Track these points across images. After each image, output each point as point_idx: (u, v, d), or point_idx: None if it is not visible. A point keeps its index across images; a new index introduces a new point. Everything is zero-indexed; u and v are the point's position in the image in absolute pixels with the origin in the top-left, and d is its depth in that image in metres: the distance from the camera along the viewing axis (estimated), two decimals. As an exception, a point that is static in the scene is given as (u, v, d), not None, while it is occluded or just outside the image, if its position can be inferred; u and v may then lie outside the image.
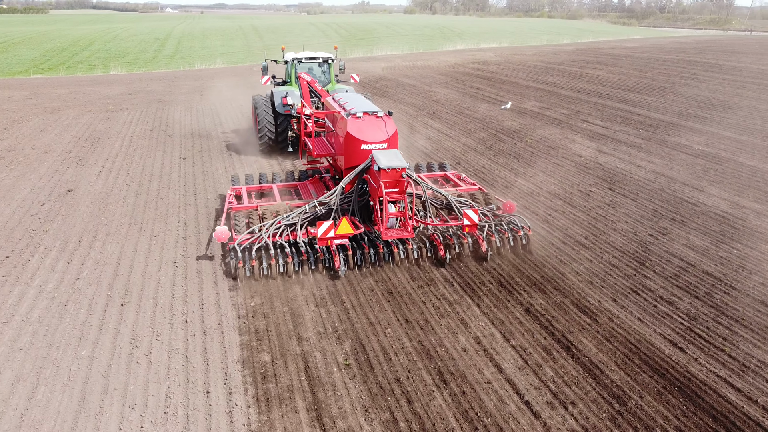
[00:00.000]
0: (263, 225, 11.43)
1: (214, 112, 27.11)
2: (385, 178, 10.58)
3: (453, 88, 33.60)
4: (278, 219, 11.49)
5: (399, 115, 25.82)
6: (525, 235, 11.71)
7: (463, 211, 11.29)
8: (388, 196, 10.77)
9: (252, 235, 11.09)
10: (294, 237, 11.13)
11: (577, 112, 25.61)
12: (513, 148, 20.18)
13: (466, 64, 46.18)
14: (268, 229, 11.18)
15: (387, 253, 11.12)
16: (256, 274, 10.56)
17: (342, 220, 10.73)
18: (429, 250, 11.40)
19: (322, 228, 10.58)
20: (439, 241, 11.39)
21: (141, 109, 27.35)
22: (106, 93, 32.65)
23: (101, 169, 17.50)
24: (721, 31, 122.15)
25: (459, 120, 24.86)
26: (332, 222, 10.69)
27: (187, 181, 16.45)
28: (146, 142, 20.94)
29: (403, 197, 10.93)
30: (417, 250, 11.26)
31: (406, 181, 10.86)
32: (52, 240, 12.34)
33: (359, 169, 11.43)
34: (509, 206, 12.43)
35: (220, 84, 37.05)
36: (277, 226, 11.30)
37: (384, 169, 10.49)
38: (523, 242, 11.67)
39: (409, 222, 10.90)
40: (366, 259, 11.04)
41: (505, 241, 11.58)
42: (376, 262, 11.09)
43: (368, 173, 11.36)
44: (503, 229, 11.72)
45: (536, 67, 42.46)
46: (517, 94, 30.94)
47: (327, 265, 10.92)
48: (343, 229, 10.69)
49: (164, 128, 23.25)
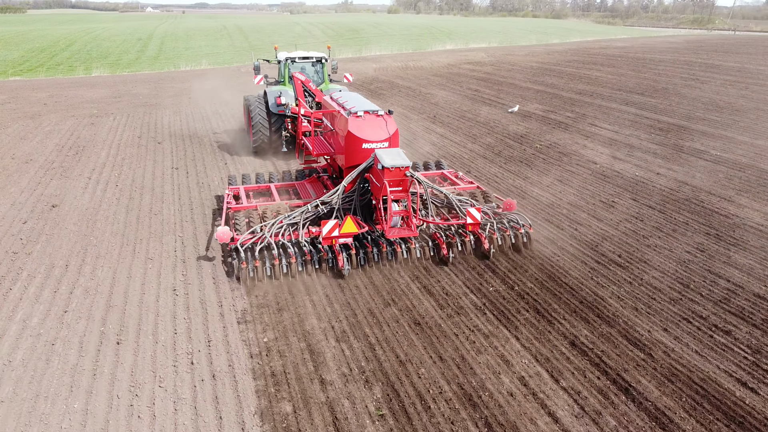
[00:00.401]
0: (265, 225, 11.33)
1: (204, 115, 25.89)
2: (389, 177, 10.51)
3: (450, 90, 32.66)
4: (280, 218, 11.37)
5: (398, 119, 24.80)
6: (526, 233, 11.80)
7: (466, 209, 11.28)
8: (392, 194, 10.69)
9: (254, 235, 10.96)
10: (296, 236, 11.08)
11: (582, 115, 24.78)
12: (523, 154, 19.26)
13: (460, 64, 45.29)
14: (270, 229, 11.06)
15: (390, 251, 11.12)
16: (260, 274, 10.42)
17: (347, 218, 10.69)
18: (432, 248, 11.45)
19: (326, 227, 10.54)
20: (442, 239, 11.38)
21: (127, 114, 26.04)
22: (89, 96, 31.23)
23: (87, 180, 16.26)
24: (705, 30, 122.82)
25: (462, 124, 23.91)
26: (336, 221, 10.66)
27: (181, 194, 15.29)
28: (135, 150, 19.70)
29: (407, 196, 10.85)
30: (420, 249, 11.30)
31: (410, 180, 10.76)
32: (35, 264, 11.15)
33: (361, 168, 11.33)
34: (509, 205, 12.38)
35: (208, 86, 35.75)
36: (279, 226, 11.20)
37: (388, 167, 10.41)
38: (524, 240, 11.75)
39: (413, 221, 10.82)
40: (369, 258, 11.01)
41: (506, 238, 11.68)
42: (379, 261, 11.05)
43: (370, 172, 11.27)
44: (504, 227, 11.82)
45: (532, 67, 41.69)
46: (518, 96, 30.07)
47: (330, 265, 10.85)
48: (347, 228, 10.66)
49: (153, 134, 22.01)
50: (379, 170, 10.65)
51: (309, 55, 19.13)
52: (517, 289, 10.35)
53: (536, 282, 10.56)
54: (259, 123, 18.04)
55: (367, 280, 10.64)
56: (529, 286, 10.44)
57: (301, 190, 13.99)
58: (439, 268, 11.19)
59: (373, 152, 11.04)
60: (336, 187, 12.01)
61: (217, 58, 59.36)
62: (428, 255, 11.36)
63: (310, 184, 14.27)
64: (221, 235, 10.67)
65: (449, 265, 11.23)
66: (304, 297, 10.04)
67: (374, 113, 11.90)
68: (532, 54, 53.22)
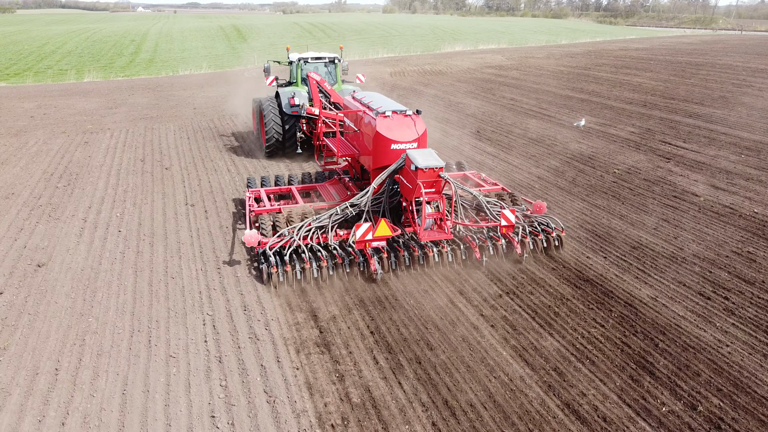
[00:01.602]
0: (293, 228, 10.98)
1: (214, 130, 22.69)
2: (423, 178, 10.30)
3: (483, 99, 29.56)
4: (308, 221, 11.08)
5: (437, 134, 21.72)
6: (558, 237, 11.55)
7: (501, 212, 10.88)
8: (426, 196, 10.41)
9: (281, 239, 10.72)
10: (324, 240, 10.82)
11: (647, 131, 21.74)
12: (602, 182, 16.20)
13: (481, 69, 42.20)
14: (298, 232, 10.77)
15: (421, 255, 10.79)
16: (290, 279, 10.14)
17: (381, 222, 10.30)
18: (463, 252, 11.09)
19: (360, 230, 10.14)
20: (474, 243, 11.07)
21: (126, 129, 22.80)
22: (82, 107, 27.93)
23: (83, 224, 13.06)
24: (710, 30, 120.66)
25: (513, 141, 20.82)
26: (370, 224, 10.25)
27: (202, 244, 12.12)
28: (138, 178, 16.50)
29: (440, 197, 10.65)
30: (451, 253, 10.91)
31: (443, 181, 10.54)
32: (12, 370, 7.96)
33: (391, 169, 11.10)
34: (539, 207, 12.07)
35: (213, 93, 32.53)
36: (307, 229, 10.89)
37: (422, 168, 10.21)
38: (556, 244, 11.52)
39: (447, 223, 10.61)
40: (400, 261, 10.73)
41: (538, 242, 11.43)
42: (410, 265, 10.74)
43: (400, 173, 11.02)
44: (536, 231, 11.58)
45: (561, 72, 38.65)
46: (561, 105, 27.03)
47: (362, 269, 10.55)
48: (381, 231, 10.28)
49: (158, 156, 18.80)
50: (412, 171, 10.35)
51: (321, 55, 18.70)
52: (626, 350, 7.25)
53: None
54: (272, 124, 17.55)
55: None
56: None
57: (323, 192, 13.61)
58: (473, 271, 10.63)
59: (404, 153, 10.85)
60: (364, 189, 11.82)
61: (216, 61, 56.09)
62: (460, 259, 10.97)
63: (332, 185, 13.91)
64: (249, 239, 10.42)
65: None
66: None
67: (402, 113, 11.69)
68: (551, 56, 50.22)
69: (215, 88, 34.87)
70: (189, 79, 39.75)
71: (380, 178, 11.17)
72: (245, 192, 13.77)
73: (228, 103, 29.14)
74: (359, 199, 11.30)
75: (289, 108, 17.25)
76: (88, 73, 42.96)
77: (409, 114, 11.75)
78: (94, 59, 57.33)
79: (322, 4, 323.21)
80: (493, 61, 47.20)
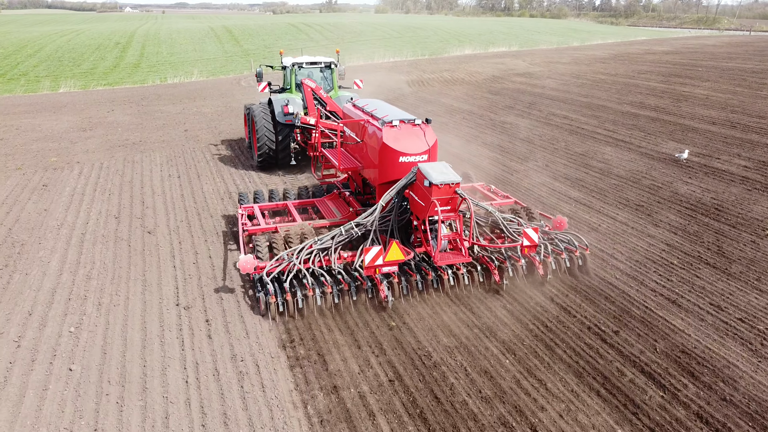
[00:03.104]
0: (292, 250, 9.82)
1: (212, 163, 17.92)
2: (438, 195, 9.21)
3: (530, 117, 24.91)
4: (309, 242, 9.95)
5: (494, 168, 17.11)
6: (582, 255, 10.52)
7: (523, 230, 9.77)
8: (441, 215, 9.33)
9: (280, 262, 9.57)
10: (328, 263, 9.72)
11: (762, 164, 17.16)
12: (761, 253, 11.57)
13: (508, 77, 37.55)
14: (298, 255, 9.66)
15: (435, 279, 9.77)
16: (291, 309, 9.06)
17: (392, 244, 9.14)
18: (480, 274, 10.04)
19: (369, 254, 8.99)
20: (492, 264, 10.05)
21: (99, 163, 17.97)
22: (50, 129, 23.03)
23: (14, 351, 8.23)
24: (715, 31, 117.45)
25: (600, 182, 16.18)
26: (381, 247, 9.08)
27: (212, 405, 7.33)
28: (108, 249, 11.70)
29: (457, 216, 9.67)
30: (467, 276, 9.91)
31: (459, 198, 9.43)
32: None
33: (401, 184, 9.97)
34: (560, 223, 11.13)
35: (207, 108, 27.70)
36: (308, 251, 9.77)
37: (436, 184, 9.10)
38: (579, 263, 10.47)
39: (464, 244, 9.53)
40: (412, 286, 9.70)
41: (561, 262, 10.43)
42: (423, 290, 9.73)
43: (411, 189, 9.89)
44: (558, 249, 10.54)
45: (603, 81, 34.04)
46: (630, 126, 22.43)
47: (370, 296, 9.43)
48: (393, 256, 9.13)
49: (139, 209, 14.01)
50: (426, 187, 9.31)
51: (317, 60, 17.60)
52: None
53: None
54: (264, 134, 16.37)
55: None
56: None
57: (323, 208, 12.68)
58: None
59: (415, 167, 9.74)
60: (366, 203, 11.64)
61: (208, 66, 51.20)
62: (477, 282, 10.00)
63: (332, 201, 13.01)
64: (244, 265, 9.27)
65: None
66: None
67: (410, 122, 10.77)
68: (578, 62, 45.65)
69: (209, 101, 30.04)
70: (178, 90, 34.85)
71: (388, 195, 10.12)
72: (237, 209, 12.69)
73: (225, 122, 24.34)
74: (365, 219, 10.22)
75: (283, 116, 16.08)
76: (66, 82, 37.95)
77: (418, 123, 10.79)
78: (75, 64, 52.29)
79: (311, 4, 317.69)
80: (517, 66, 42.57)
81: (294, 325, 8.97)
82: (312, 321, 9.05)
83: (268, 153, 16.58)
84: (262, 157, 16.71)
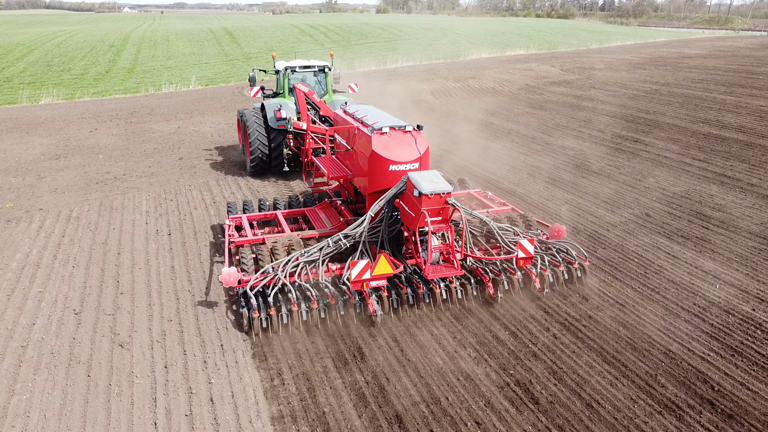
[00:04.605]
0: (278, 263, 9.35)
1: (213, 214, 13.87)
2: (428, 206, 8.81)
3: (593, 140, 20.86)
4: (295, 255, 9.45)
5: (580, 220, 13.14)
6: (581, 266, 10.00)
7: (518, 241, 9.35)
8: (432, 225, 8.93)
9: (265, 275, 9.10)
10: (315, 276, 9.25)
11: None
12: None
13: (545, 86, 33.50)
14: (284, 268, 9.17)
15: (426, 292, 9.27)
16: (275, 325, 8.57)
17: (379, 257, 8.75)
18: (474, 287, 9.54)
19: (356, 269, 8.54)
20: (486, 276, 9.66)
21: (68, 211, 13.94)
22: (16, 157, 19.02)
23: None
24: (731, 31, 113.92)
25: (728, 241, 12.12)
26: (368, 261, 8.68)
27: None
28: (56, 384, 7.68)
29: (448, 227, 9.24)
30: (461, 289, 9.44)
31: (451, 209, 9.02)
32: None
33: (391, 194, 9.55)
34: (558, 231, 10.75)
35: (207, 126, 23.71)
36: (294, 264, 9.28)
37: (426, 194, 8.72)
38: (578, 275, 9.95)
39: (456, 257, 9.05)
40: (403, 300, 9.26)
41: (558, 274, 9.88)
42: (414, 304, 9.26)
43: (401, 199, 9.45)
44: (555, 261, 10.05)
45: (655, 92, 29.96)
46: (719, 153, 18.41)
47: (358, 311, 8.96)
48: (381, 269, 8.73)
49: (109, 299, 9.96)
50: (415, 197, 8.90)
51: (310, 63, 17.34)
52: None
53: None
54: (257, 139, 16.01)
55: None
56: None
57: (313, 218, 12.06)
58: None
59: (405, 176, 9.32)
60: (358, 213, 11.30)
61: (206, 71, 47.23)
62: (471, 295, 9.44)
63: (323, 210, 12.39)
64: (227, 278, 8.87)
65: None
66: None
67: (401, 129, 10.32)
68: (613, 68, 41.58)
69: (209, 117, 26.03)
70: (173, 101, 30.83)
71: (377, 205, 9.64)
72: (225, 220, 12.12)
73: (227, 144, 20.33)
74: (354, 230, 9.70)
75: (275, 122, 15.80)
76: (50, 91, 33.89)
77: (408, 130, 10.35)
78: (65, 69, 48.26)
79: (311, 4, 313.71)
80: (549, 73, 38.52)
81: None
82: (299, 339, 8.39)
83: (260, 159, 16.24)
84: (254, 163, 16.35)
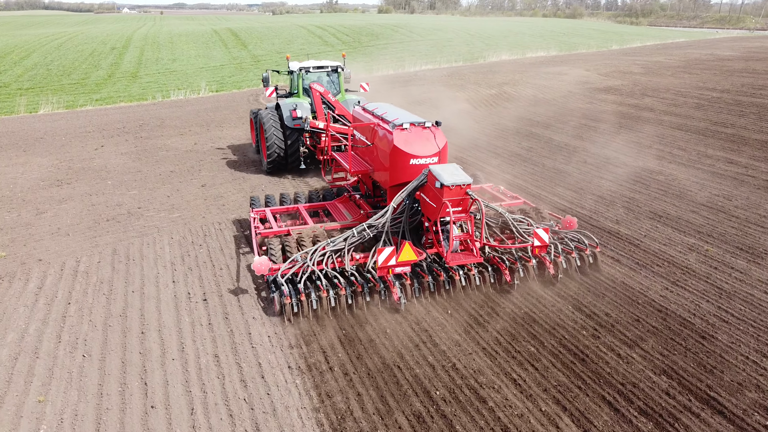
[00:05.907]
0: (305, 252, 9.72)
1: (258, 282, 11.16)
2: (449, 196, 9.15)
3: (678, 161, 18.06)
4: (322, 244, 9.83)
5: (727, 276, 10.34)
6: (593, 253, 10.44)
7: (533, 230, 9.63)
8: (454, 215, 9.24)
9: (293, 264, 9.49)
10: (341, 264, 9.64)
11: None
12: None
13: (590, 93, 30.70)
14: (312, 256, 9.54)
15: (447, 280, 9.64)
16: (305, 309, 8.95)
17: (405, 245, 9.05)
18: (491, 275, 9.90)
19: (382, 255, 8.86)
20: (503, 264, 9.92)
21: (73, 263, 11.14)
22: (11, 183, 16.25)
23: None
24: (745, 31, 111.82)
25: None
26: (393, 248, 8.94)
27: None
28: None
29: (468, 217, 9.59)
30: (479, 276, 9.77)
31: (470, 199, 9.35)
32: None
33: (412, 186, 9.91)
34: (569, 222, 11.08)
35: (228, 140, 21.06)
36: (321, 253, 9.67)
37: (448, 186, 9.04)
38: (590, 261, 10.36)
39: (476, 245, 9.42)
40: (424, 287, 9.61)
41: (571, 261, 10.28)
42: (435, 290, 9.63)
43: (422, 191, 9.82)
44: (568, 248, 10.39)
45: (719, 99, 27.19)
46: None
47: (382, 298, 9.30)
48: (406, 256, 9.03)
49: (137, 416, 7.18)
50: (437, 189, 9.24)
51: (323, 64, 17.46)
52: None
53: None
54: (273, 138, 16.21)
55: None
56: None
57: (333, 211, 12.45)
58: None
59: (426, 168, 9.70)
60: (376, 206, 11.71)
61: (216, 75, 44.48)
62: (488, 282, 9.84)
63: (342, 204, 12.77)
64: (258, 266, 9.27)
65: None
66: None
67: (420, 125, 10.66)
68: (652, 71, 38.85)
69: (227, 130, 23.28)
70: (185, 110, 28.05)
71: (400, 197, 9.99)
72: (249, 213, 12.63)
73: (257, 169, 17.58)
74: (377, 220, 10.06)
75: (291, 121, 15.99)
76: (49, 99, 31.10)
77: (428, 126, 10.69)
78: (65, 73, 45.50)
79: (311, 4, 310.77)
80: (587, 78, 35.74)
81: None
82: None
83: (277, 157, 16.46)
84: (271, 162, 16.60)
